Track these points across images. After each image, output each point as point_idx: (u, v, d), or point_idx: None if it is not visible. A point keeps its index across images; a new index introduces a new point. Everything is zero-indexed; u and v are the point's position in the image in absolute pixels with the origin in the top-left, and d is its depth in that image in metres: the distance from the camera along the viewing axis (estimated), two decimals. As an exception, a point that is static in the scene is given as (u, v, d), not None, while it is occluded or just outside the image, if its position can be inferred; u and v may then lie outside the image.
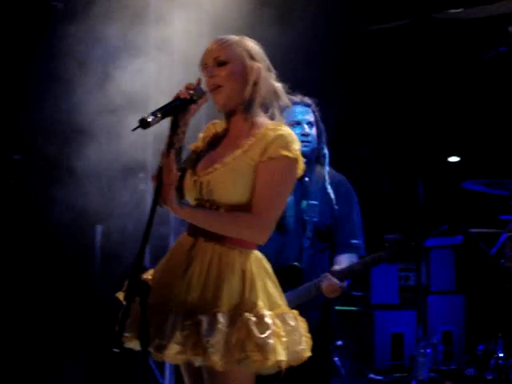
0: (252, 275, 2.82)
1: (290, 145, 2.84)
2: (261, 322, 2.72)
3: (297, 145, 2.86)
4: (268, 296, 2.83)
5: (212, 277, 2.80)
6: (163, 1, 5.52)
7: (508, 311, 5.05)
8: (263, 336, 2.70)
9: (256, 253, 2.89)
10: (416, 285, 5.45)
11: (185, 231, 2.95)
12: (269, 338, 2.70)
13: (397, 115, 6.40)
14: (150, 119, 2.68)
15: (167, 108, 2.78)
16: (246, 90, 2.91)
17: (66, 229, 5.55)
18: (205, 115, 5.05)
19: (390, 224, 6.29)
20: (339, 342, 5.52)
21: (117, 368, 5.52)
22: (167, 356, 2.73)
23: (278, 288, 2.90)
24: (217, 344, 2.67)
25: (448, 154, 6.28)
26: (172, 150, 2.78)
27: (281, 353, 2.72)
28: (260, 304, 2.77)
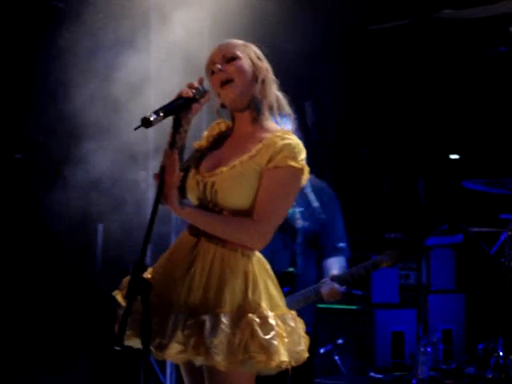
0: (254, 276, 2.83)
1: (297, 155, 2.84)
2: (265, 323, 2.73)
3: (303, 155, 2.87)
4: (269, 297, 2.84)
5: (214, 277, 2.80)
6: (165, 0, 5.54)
7: (508, 310, 5.05)
8: (268, 337, 2.71)
9: (258, 254, 2.90)
10: (416, 284, 5.45)
11: (186, 229, 2.95)
12: (273, 339, 2.71)
13: (397, 115, 6.40)
14: (153, 118, 2.68)
15: (169, 107, 2.78)
16: (255, 87, 2.92)
17: (67, 228, 5.55)
18: (206, 115, 5.07)
19: (391, 223, 6.30)
20: (340, 341, 5.52)
21: (119, 367, 5.53)
22: (168, 355, 2.74)
23: (279, 289, 2.92)
24: (220, 344, 2.68)
25: (448, 154, 6.28)
26: (174, 149, 2.79)
27: (284, 353, 2.74)
28: (263, 305, 2.78)
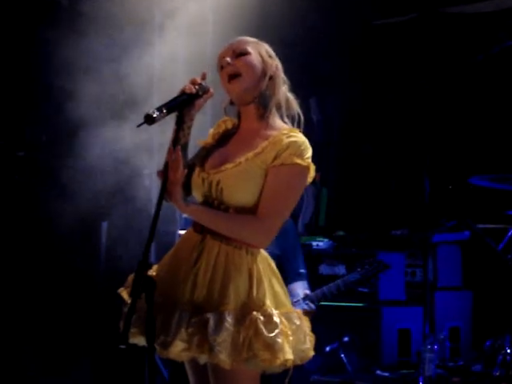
0: (259, 274, 2.81)
1: (303, 152, 2.82)
2: (269, 321, 2.72)
3: (309, 153, 2.85)
4: (274, 295, 2.83)
5: (218, 275, 2.79)
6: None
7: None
8: (272, 335, 2.70)
9: (263, 252, 2.89)
10: (423, 281, 5.43)
11: (190, 227, 2.93)
12: (277, 337, 2.70)
13: (402, 111, 6.38)
14: (156, 115, 2.66)
15: (172, 103, 2.76)
16: (263, 83, 2.90)
17: (71, 226, 5.54)
18: (210, 112, 5.06)
19: (397, 220, 6.28)
20: (346, 339, 5.51)
21: (123, 365, 5.52)
22: (172, 353, 2.73)
23: (284, 287, 2.91)
24: (223, 342, 2.67)
25: (455, 150, 6.26)
26: (177, 146, 2.76)
27: (288, 352, 2.73)
28: (268, 303, 2.77)
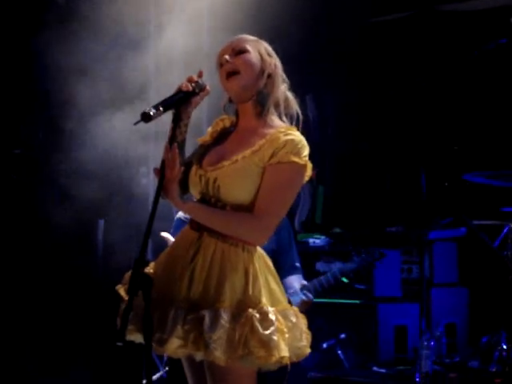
0: (255, 271, 2.82)
1: (301, 151, 2.83)
2: (265, 319, 2.73)
3: (306, 151, 2.86)
4: (270, 292, 2.84)
5: (215, 272, 2.79)
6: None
7: (511, 303, 5.04)
8: (267, 332, 2.70)
9: (259, 250, 2.89)
10: (419, 277, 5.44)
11: (187, 225, 2.93)
12: (273, 335, 2.71)
13: (398, 108, 6.38)
14: (152, 113, 2.67)
15: (169, 101, 2.77)
16: (261, 81, 2.91)
17: (68, 223, 5.55)
18: (206, 112, 5.06)
19: (393, 217, 6.28)
20: (342, 335, 5.52)
21: (121, 361, 5.53)
22: (168, 350, 2.74)
23: (280, 284, 2.91)
24: (219, 339, 2.68)
25: (450, 147, 6.27)
26: (174, 144, 2.77)
27: (284, 349, 2.73)
28: (263, 300, 2.77)
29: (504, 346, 4.91)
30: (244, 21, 5.06)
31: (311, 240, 6.12)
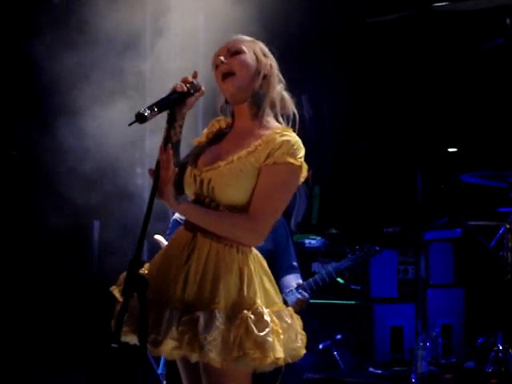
0: (250, 272, 2.81)
1: (296, 152, 2.82)
2: (260, 320, 2.72)
3: (302, 152, 2.85)
4: (265, 294, 2.83)
5: (209, 273, 2.79)
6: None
7: (507, 304, 5.05)
8: (262, 334, 2.69)
9: (254, 251, 2.89)
10: (415, 278, 5.44)
11: (182, 226, 2.93)
12: (268, 336, 2.70)
13: (394, 108, 6.38)
14: (147, 113, 2.66)
15: (164, 102, 2.77)
16: (256, 82, 2.90)
17: (64, 224, 5.54)
18: (201, 113, 5.05)
19: (389, 217, 6.29)
20: (338, 336, 5.52)
21: (116, 363, 5.52)
22: (162, 351, 2.74)
23: (275, 285, 2.90)
24: (214, 341, 2.67)
25: (446, 147, 6.27)
26: (169, 145, 2.76)
27: (279, 350, 2.73)
28: (258, 301, 2.77)
29: (500, 347, 4.91)
30: (240, 21, 5.05)
31: (307, 241, 6.12)
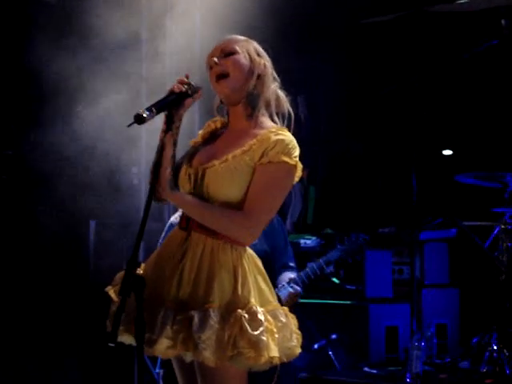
0: (244, 271, 2.81)
1: (291, 151, 2.83)
2: (254, 319, 2.72)
3: (297, 152, 2.85)
4: (259, 292, 2.83)
5: (203, 272, 2.79)
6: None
7: (502, 304, 5.06)
8: (256, 333, 2.70)
9: (249, 250, 2.89)
10: (410, 278, 5.44)
11: (177, 225, 2.93)
12: (262, 335, 2.70)
13: (389, 109, 6.39)
14: (146, 115, 2.67)
15: (162, 103, 2.78)
16: (250, 82, 2.91)
17: (60, 224, 5.54)
18: (198, 114, 5.05)
19: (384, 218, 6.30)
20: (333, 336, 5.52)
21: (112, 363, 5.52)
22: (157, 350, 2.74)
23: (269, 284, 2.91)
24: (208, 340, 2.68)
25: (441, 148, 6.28)
26: (169, 133, 2.79)
27: (274, 349, 2.73)
28: (252, 300, 2.77)
29: (495, 347, 4.92)
30: (235, 20, 5.06)
31: (302, 241, 6.12)
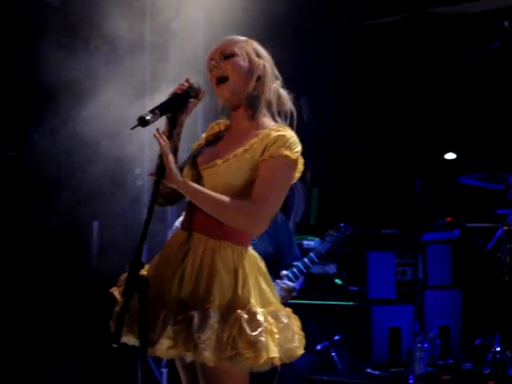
0: (245, 272, 2.82)
1: (292, 145, 2.84)
2: (253, 320, 2.73)
3: (298, 147, 2.86)
4: (261, 293, 2.83)
5: (204, 272, 2.80)
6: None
7: (505, 305, 5.05)
8: (255, 334, 2.70)
9: (250, 250, 2.90)
10: (413, 279, 5.44)
11: (179, 227, 2.94)
12: (260, 336, 2.70)
13: (393, 111, 6.39)
14: (149, 117, 2.68)
15: (165, 105, 2.79)
16: (250, 85, 2.92)
17: (63, 225, 5.54)
18: (201, 117, 5.06)
19: (387, 220, 6.30)
20: (336, 337, 5.51)
21: (115, 363, 5.53)
22: (158, 350, 2.75)
23: (271, 285, 2.91)
24: (207, 340, 2.68)
25: (444, 149, 6.28)
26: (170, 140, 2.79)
27: (273, 350, 2.73)
28: (252, 301, 2.77)
29: (497, 348, 4.91)
30: (236, 22, 5.06)
31: (305, 242, 6.11)
